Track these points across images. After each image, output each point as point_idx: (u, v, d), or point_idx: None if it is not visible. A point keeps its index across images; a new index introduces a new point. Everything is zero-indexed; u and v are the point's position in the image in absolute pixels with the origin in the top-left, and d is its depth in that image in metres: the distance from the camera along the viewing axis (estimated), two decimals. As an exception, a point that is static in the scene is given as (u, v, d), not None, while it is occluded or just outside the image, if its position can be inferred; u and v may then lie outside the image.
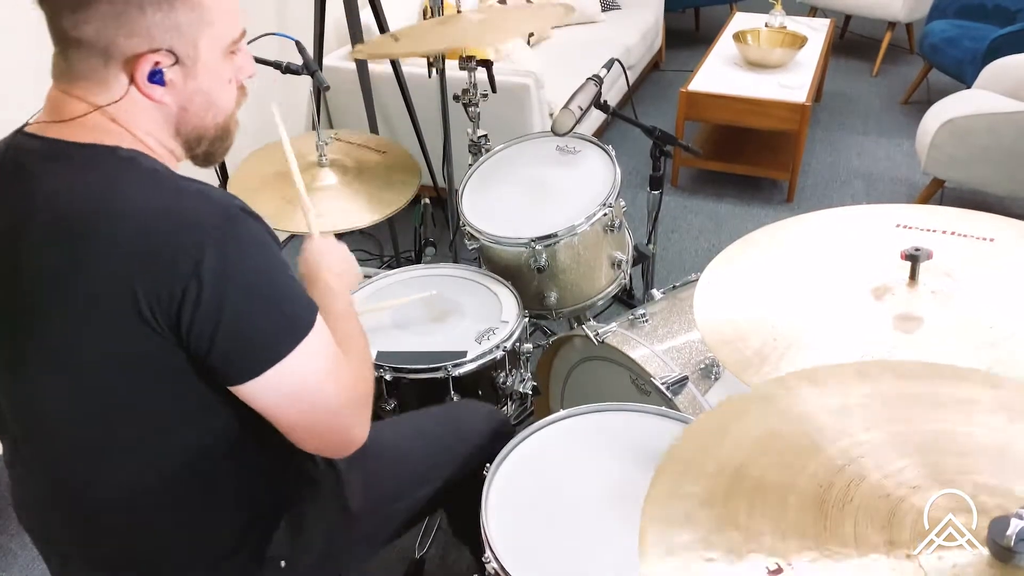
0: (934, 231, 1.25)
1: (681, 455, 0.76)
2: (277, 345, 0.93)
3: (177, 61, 0.92)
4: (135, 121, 0.94)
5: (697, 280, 1.87)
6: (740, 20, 4.05)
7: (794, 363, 1.07)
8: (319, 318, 0.98)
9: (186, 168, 1.02)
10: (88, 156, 0.91)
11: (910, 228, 1.26)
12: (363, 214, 1.85)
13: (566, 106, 1.92)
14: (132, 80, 0.91)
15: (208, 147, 1.02)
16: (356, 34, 2.71)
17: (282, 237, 3.22)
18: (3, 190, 0.93)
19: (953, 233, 1.24)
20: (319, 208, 1.84)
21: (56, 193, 0.90)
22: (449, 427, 1.38)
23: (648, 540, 0.67)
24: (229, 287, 0.89)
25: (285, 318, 0.94)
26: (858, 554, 0.65)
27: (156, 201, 0.89)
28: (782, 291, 1.20)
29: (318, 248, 1.21)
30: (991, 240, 1.21)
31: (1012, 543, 0.62)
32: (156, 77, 0.91)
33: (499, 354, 1.62)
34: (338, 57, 3.11)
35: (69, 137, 0.92)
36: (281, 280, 0.94)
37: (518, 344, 1.68)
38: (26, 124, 0.97)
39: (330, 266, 1.19)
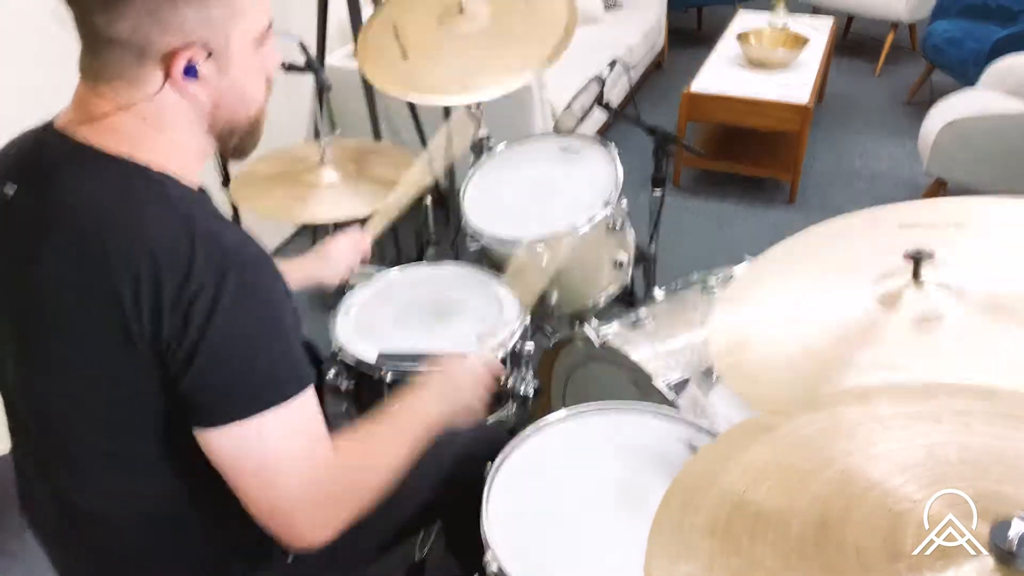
0: (936, 226, 1.23)
1: (684, 488, 0.76)
2: (243, 401, 0.90)
3: (210, 55, 0.90)
4: (167, 120, 0.92)
5: (699, 280, 1.87)
6: (743, 20, 4.05)
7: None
8: (308, 398, 0.94)
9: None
10: (117, 172, 0.90)
11: (911, 227, 1.25)
12: (364, 206, 1.85)
13: (568, 106, 1.92)
14: (168, 76, 0.89)
15: (239, 141, 1.01)
16: (359, 33, 2.70)
17: (288, 229, 3.23)
18: (30, 191, 0.92)
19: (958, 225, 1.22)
20: (322, 202, 1.84)
21: (80, 207, 0.89)
22: (461, 446, 1.37)
23: (652, 574, 0.67)
24: (210, 332, 0.87)
25: (261, 378, 0.91)
26: (860, 570, 0.64)
27: (173, 234, 0.88)
28: (795, 312, 1.18)
29: (466, 366, 1.24)
30: (959, 225, 1.20)
31: (1015, 546, 0.62)
32: (190, 72, 0.90)
33: (500, 354, 1.62)
34: (341, 56, 3.11)
35: (100, 144, 0.90)
36: (277, 339, 0.92)
37: (520, 345, 1.68)
38: (54, 120, 0.96)
39: (458, 389, 1.20)
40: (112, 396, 0.93)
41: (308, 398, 0.94)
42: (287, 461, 0.93)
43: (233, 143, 1.01)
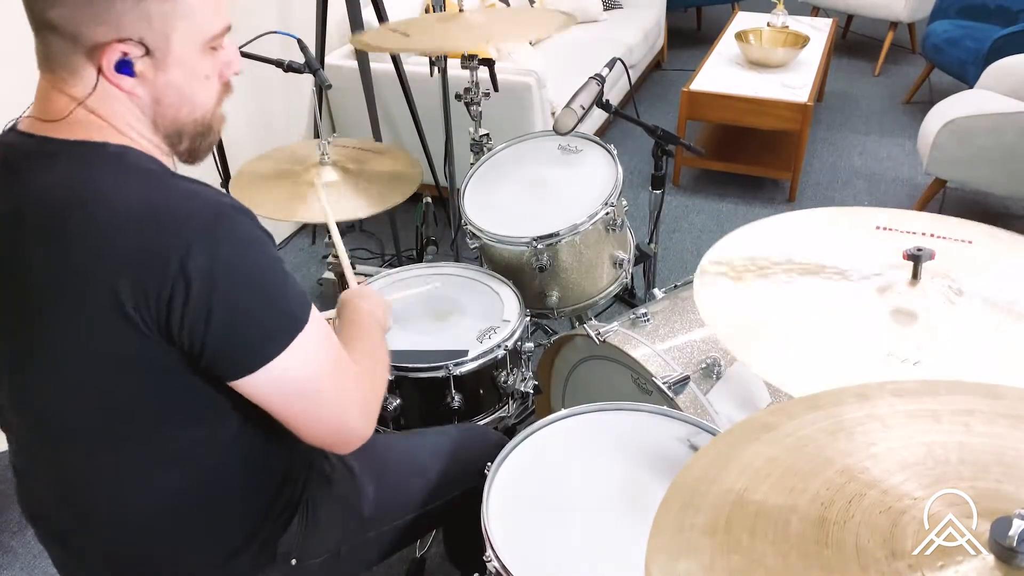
0: (914, 233, 1.26)
1: (684, 486, 0.76)
2: (271, 342, 0.93)
3: (147, 52, 0.89)
4: (113, 113, 0.92)
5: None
6: (742, 19, 4.05)
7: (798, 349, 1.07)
8: (314, 314, 0.98)
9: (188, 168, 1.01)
10: (77, 152, 0.91)
11: (891, 230, 1.26)
12: (364, 207, 1.85)
13: (568, 105, 1.92)
14: (99, 70, 0.89)
15: (189, 143, 1.00)
16: (358, 32, 2.71)
17: (288, 228, 3.23)
18: (2, 193, 0.93)
19: (932, 235, 1.24)
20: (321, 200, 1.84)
21: (45, 190, 0.89)
22: (462, 451, 1.38)
23: (652, 572, 0.68)
24: (219, 286, 0.88)
25: (278, 315, 0.94)
26: (860, 569, 0.65)
27: (143, 199, 0.88)
28: (780, 290, 1.20)
29: (356, 291, 1.30)
30: (969, 242, 1.21)
31: (1015, 543, 0.62)
32: (125, 68, 0.89)
33: (500, 353, 1.62)
34: (340, 55, 3.11)
35: (58, 134, 0.91)
36: (273, 278, 0.94)
37: (519, 343, 1.68)
38: (19, 119, 0.96)
39: (363, 303, 1.26)
40: (121, 376, 0.93)
41: (316, 313, 0.99)
42: (323, 374, 0.99)
43: (183, 145, 1.00)
